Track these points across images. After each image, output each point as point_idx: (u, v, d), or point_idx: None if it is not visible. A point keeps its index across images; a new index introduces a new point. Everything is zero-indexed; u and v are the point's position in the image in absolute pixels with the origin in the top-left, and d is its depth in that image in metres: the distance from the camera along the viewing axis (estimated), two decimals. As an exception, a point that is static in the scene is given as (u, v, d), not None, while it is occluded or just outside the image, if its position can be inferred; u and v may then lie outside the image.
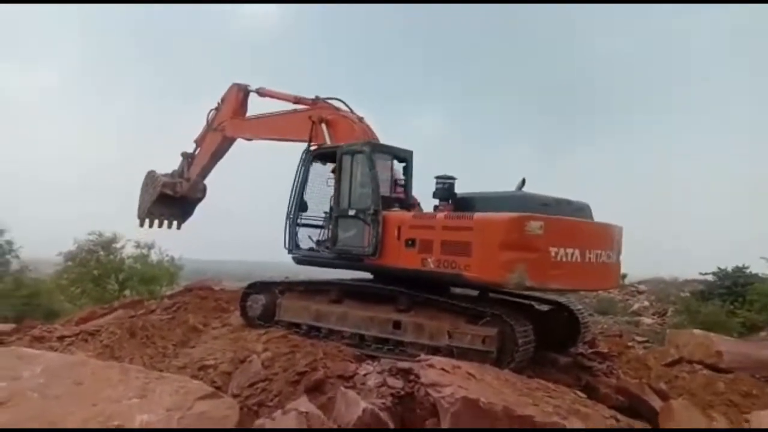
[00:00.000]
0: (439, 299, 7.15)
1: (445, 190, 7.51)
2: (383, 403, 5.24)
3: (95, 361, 5.62)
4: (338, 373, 5.98)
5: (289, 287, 8.74)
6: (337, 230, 8.17)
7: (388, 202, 7.77)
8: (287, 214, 8.82)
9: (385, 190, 7.90)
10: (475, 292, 7.92)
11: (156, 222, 12.20)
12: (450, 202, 7.45)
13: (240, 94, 10.79)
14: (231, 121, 10.73)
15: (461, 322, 6.83)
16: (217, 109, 11.12)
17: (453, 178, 7.61)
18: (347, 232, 8.07)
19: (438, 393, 4.76)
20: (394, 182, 8.28)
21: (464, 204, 7.34)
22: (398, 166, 8.53)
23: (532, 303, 8.31)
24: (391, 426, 4.87)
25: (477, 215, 6.70)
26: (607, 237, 7.18)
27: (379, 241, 7.45)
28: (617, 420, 5.23)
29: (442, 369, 5.15)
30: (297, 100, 9.64)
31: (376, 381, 5.73)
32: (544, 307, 8.37)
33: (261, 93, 10.66)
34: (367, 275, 8.41)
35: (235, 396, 5.73)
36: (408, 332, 7.18)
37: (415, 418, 5.26)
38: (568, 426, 4.61)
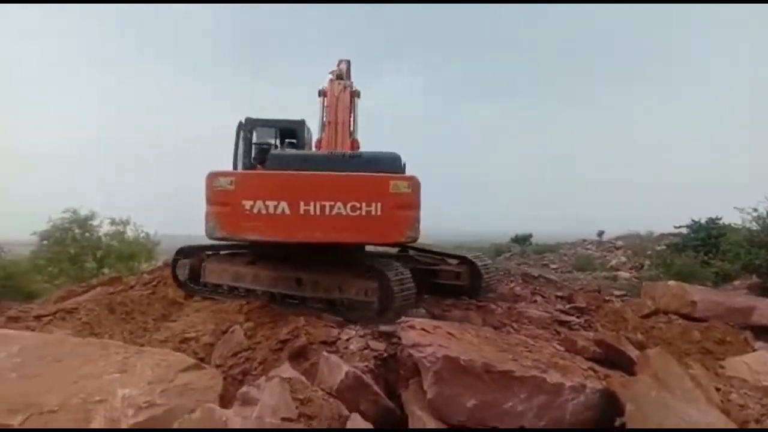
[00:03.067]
0: (333, 258, 7.67)
1: (259, 153, 8.67)
2: (366, 366, 5.32)
3: (74, 339, 5.55)
4: (321, 339, 6.01)
5: (215, 251, 9.13)
6: None
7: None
8: None
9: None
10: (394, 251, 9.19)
11: None
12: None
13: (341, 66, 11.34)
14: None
15: (350, 276, 7.40)
16: None
17: (269, 144, 8.65)
18: None
19: (419, 353, 4.80)
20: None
21: None
22: None
23: (443, 258, 9.23)
24: (375, 387, 4.93)
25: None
26: (351, 189, 6.98)
27: None
28: (594, 371, 5.34)
29: (423, 329, 5.19)
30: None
31: (358, 345, 5.80)
32: (454, 262, 9.06)
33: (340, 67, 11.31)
34: None
35: (218, 366, 5.73)
36: (308, 288, 7.69)
37: (398, 379, 5.34)
38: (548, 378, 4.71)
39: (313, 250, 7.59)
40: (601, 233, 33.14)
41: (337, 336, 6.08)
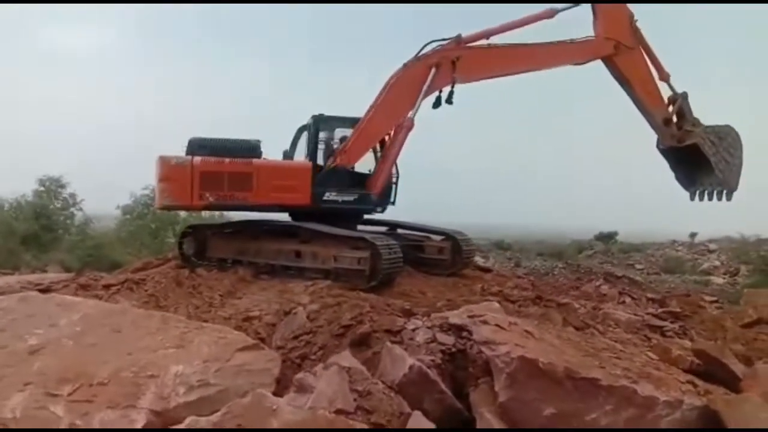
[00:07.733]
0: (328, 231, 8.50)
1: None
2: (432, 360, 4.88)
3: (136, 310, 5.50)
4: (385, 327, 5.63)
5: (219, 229, 10.33)
6: None
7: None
8: None
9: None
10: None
11: (706, 194, 9.91)
12: None
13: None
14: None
15: (345, 248, 8.26)
16: None
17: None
18: None
19: (492, 351, 4.34)
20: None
21: None
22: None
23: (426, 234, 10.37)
24: (441, 385, 4.51)
25: None
26: (158, 167, 8.58)
27: None
28: (695, 385, 4.68)
29: (497, 325, 4.72)
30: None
31: (425, 336, 5.36)
32: (437, 238, 10.15)
33: None
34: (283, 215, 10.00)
35: (278, 348, 5.51)
36: (306, 259, 8.69)
37: (466, 377, 4.89)
38: (639, 390, 4.13)
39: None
40: (693, 235, 30.95)
41: (403, 325, 5.68)
